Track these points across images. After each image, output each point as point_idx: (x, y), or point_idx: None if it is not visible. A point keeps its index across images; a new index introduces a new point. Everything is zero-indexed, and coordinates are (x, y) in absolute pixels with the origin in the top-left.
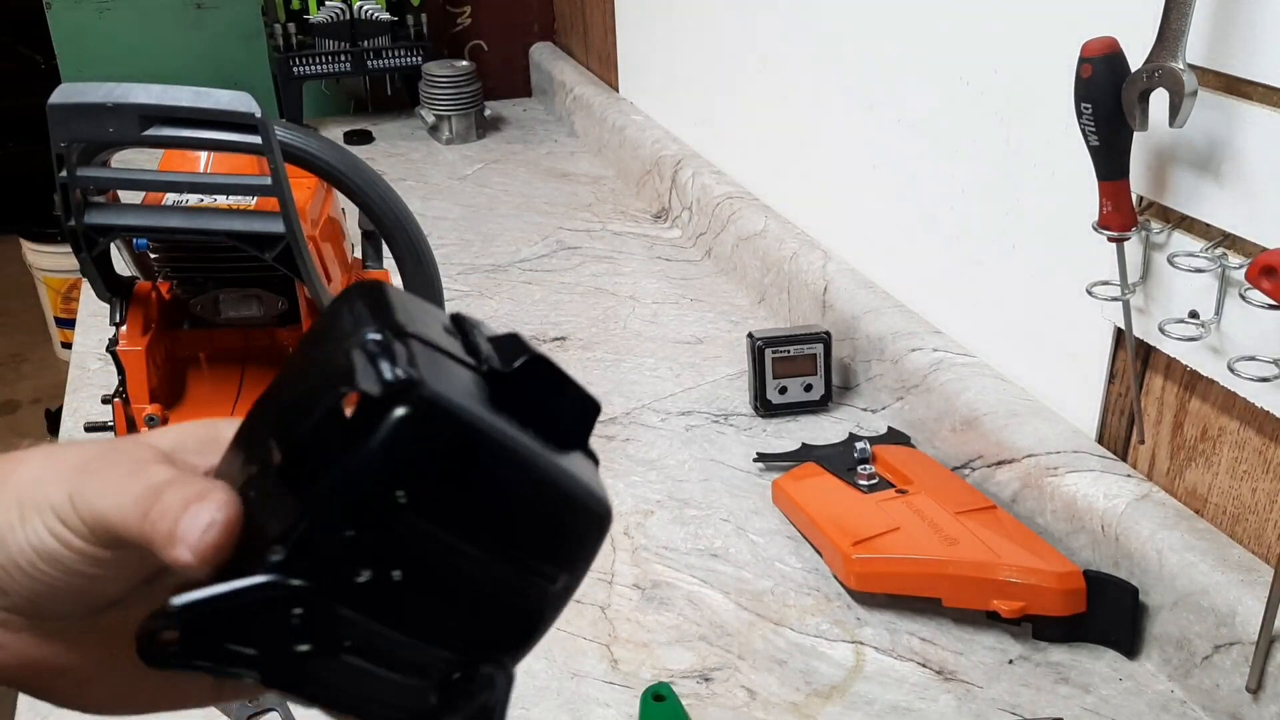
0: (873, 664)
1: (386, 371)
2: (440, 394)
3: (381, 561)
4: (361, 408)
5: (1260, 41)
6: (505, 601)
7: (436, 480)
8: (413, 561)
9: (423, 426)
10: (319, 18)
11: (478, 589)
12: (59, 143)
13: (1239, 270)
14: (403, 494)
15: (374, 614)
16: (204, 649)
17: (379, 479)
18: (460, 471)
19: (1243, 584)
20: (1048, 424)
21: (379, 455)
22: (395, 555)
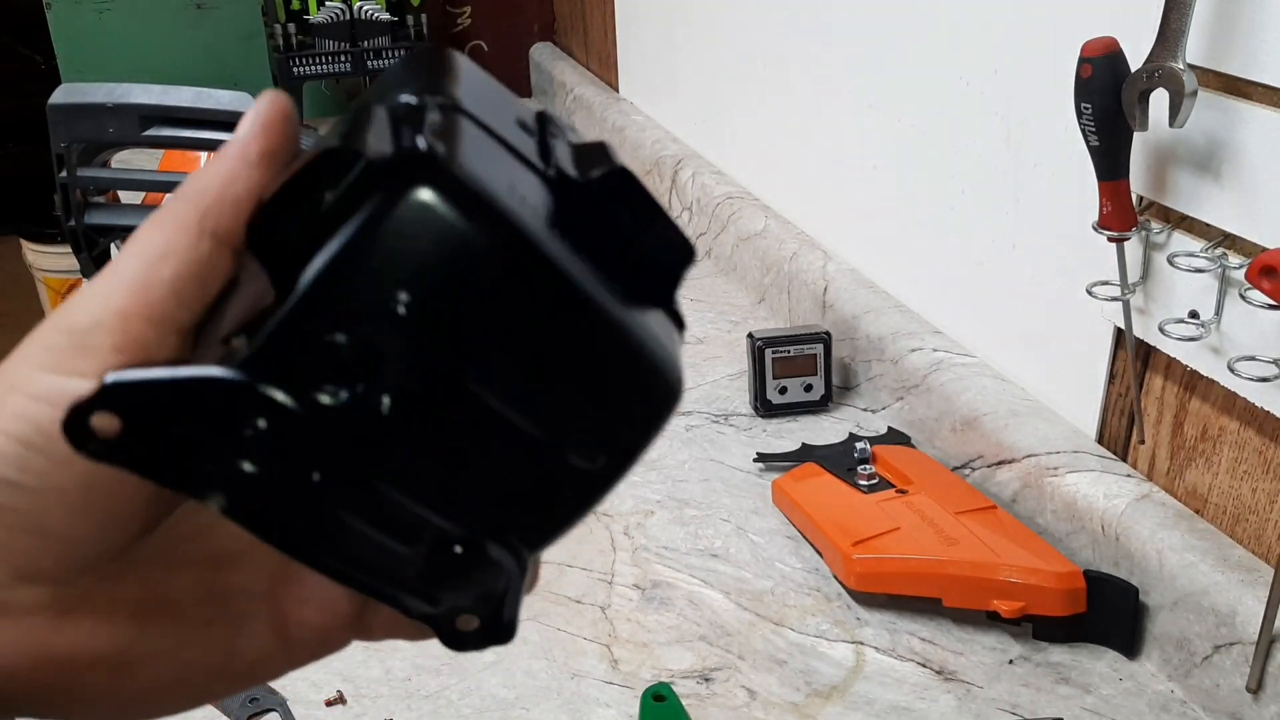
0: (873, 664)
1: (406, 138)
2: (472, 175)
3: (367, 381)
4: (365, 176)
5: (1261, 41)
6: (523, 472)
7: (450, 289)
8: (406, 391)
9: (438, 212)
10: (319, 18)
11: (489, 448)
12: (59, 143)
13: (1239, 270)
14: (405, 297)
15: (351, 449)
16: (146, 446)
17: (375, 270)
18: (483, 284)
19: (1243, 584)
20: (1048, 424)
21: (377, 239)
22: (385, 377)
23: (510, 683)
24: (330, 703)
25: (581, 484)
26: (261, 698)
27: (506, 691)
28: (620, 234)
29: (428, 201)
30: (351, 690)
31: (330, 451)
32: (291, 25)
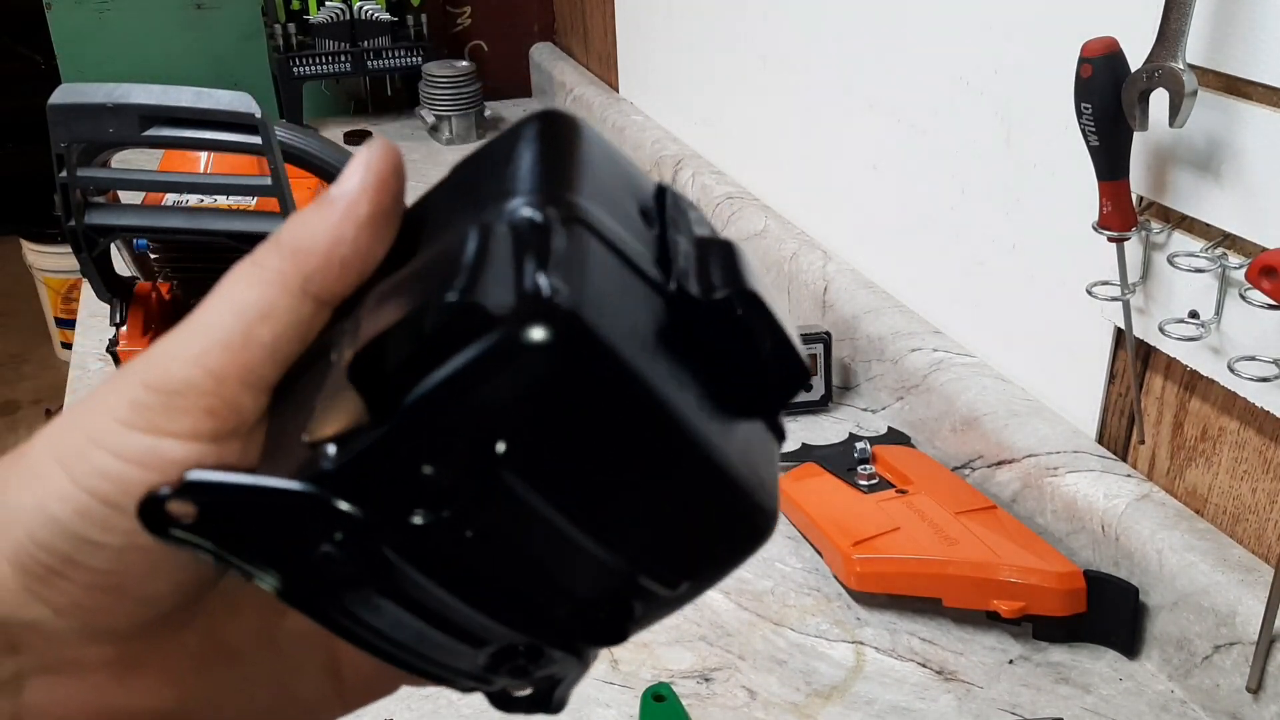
0: (873, 664)
1: (529, 278)
2: (597, 328)
3: (454, 512)
4: (483, 320)
5: (1260, 41)
6: (599, 596)
7: (555, 439)
8: (492, 525)
9: (558, 368)
10: (319, 18)
11: (569, 576)
12: (59, 143)
13: (1239, 270)
14: (505, 445)
15: (427, 567)
16: (223, 536)
17: (480, 418)
18: (589, 435)
19: (1243, 584)
20: (1048, 424)
21: (487, 378)
22: (473, 511)
23: None
24: None
25: (658, 605)
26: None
27: None
28: (736, 353)
29: (550, 356)
30: None
31: (403, 566)
32: (291, 25)
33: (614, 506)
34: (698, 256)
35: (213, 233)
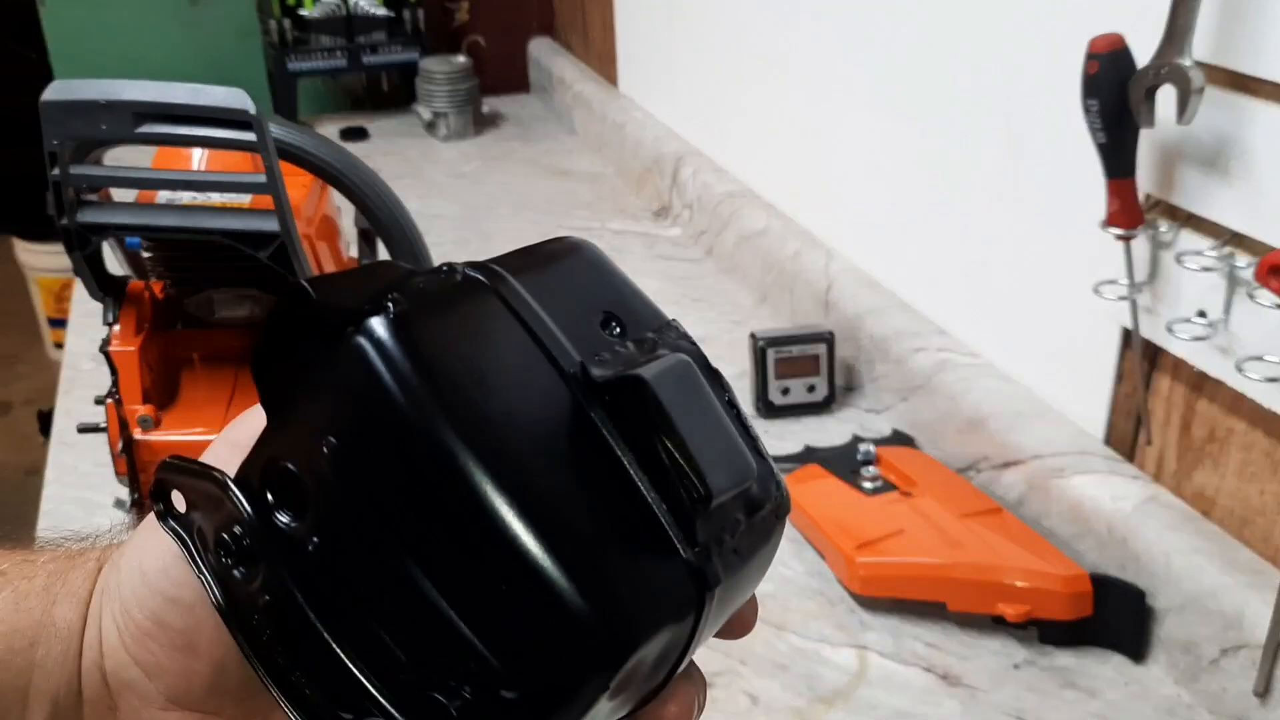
0: (877, 669)
1: (380, 296)
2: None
3: (300, 513)
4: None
5: (1268, 38)
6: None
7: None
8: (328, 535)
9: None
10: (314, 13)
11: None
12: (52, 140)
13: (1247, 270)
14: (333, 441)
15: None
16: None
17: (318, 409)
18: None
19: (1250, 587)
20: (1054, 425)
21: (325, 384)
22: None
23: None
24: None
25: (518, 713)
26: None
27: None
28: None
29: (363, 353)
30: None
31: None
32: (287, 21)
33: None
34: (631, 356)
35: (206, 231)
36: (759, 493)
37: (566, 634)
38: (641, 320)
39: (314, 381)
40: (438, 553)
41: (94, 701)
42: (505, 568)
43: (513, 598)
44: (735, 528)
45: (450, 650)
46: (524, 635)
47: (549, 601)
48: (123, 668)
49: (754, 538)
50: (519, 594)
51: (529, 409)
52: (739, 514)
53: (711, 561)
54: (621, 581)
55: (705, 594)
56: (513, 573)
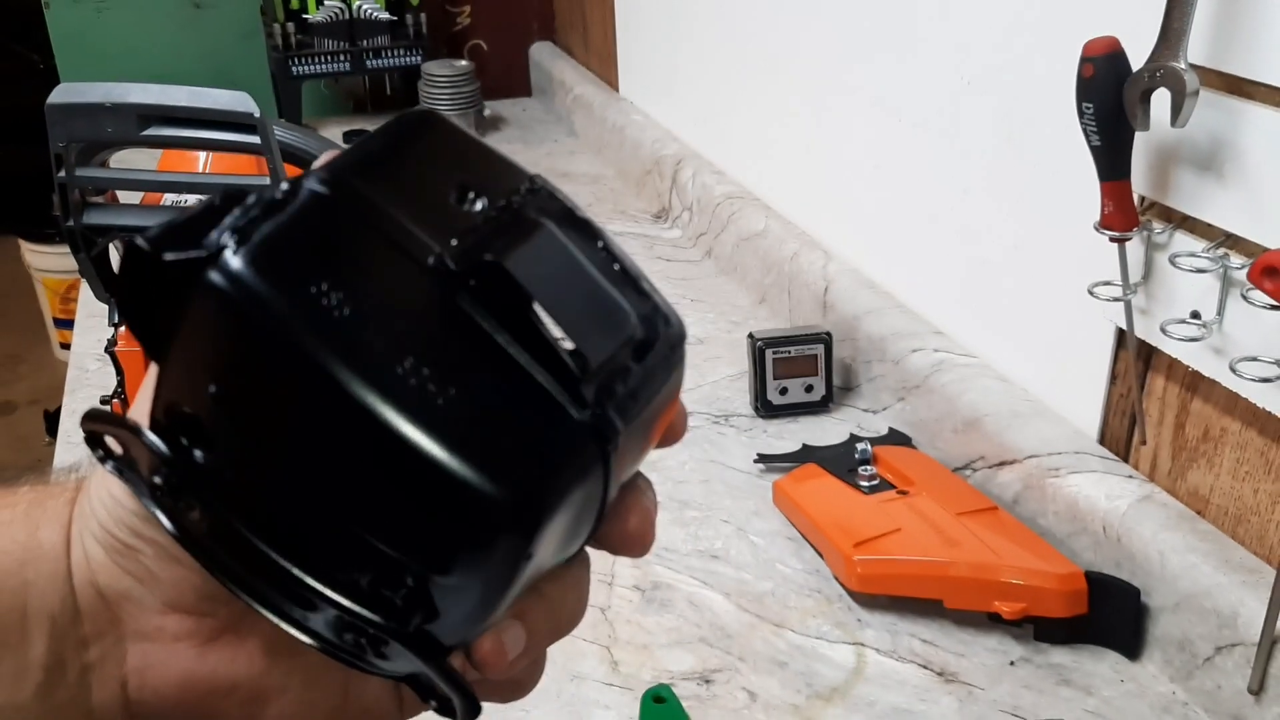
0: (874, 666)
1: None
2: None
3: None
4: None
5: (1262, 41)
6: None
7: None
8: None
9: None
10: (317, 17)
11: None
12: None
13: (1241, 271)
14: (214, 382)
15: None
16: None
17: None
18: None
19: (1245, 585)
20: (1049, 425)
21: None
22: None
23: None
24: None
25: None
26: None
27: None
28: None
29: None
30: None
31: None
32: (290, 24)
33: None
34: (486, 236)
35: None
36: (645, 334)
37: (474, 515)
38: (501, 186)
39: (180, 329)
40: (335, 466)
41: (93, 615)
42: (399, 465)
43: (416, 491)
44: (626, 375)
45: (376, 551)
46: (434, 525)
47: (450, 488)
48: (116, 580)
49: (649, 377)
50: (421, 487)
51: (393, 309)
52: (628, 361)
53: (606, 414)
54: (517, 454)
55: (607, 447)
56: (409, 468)
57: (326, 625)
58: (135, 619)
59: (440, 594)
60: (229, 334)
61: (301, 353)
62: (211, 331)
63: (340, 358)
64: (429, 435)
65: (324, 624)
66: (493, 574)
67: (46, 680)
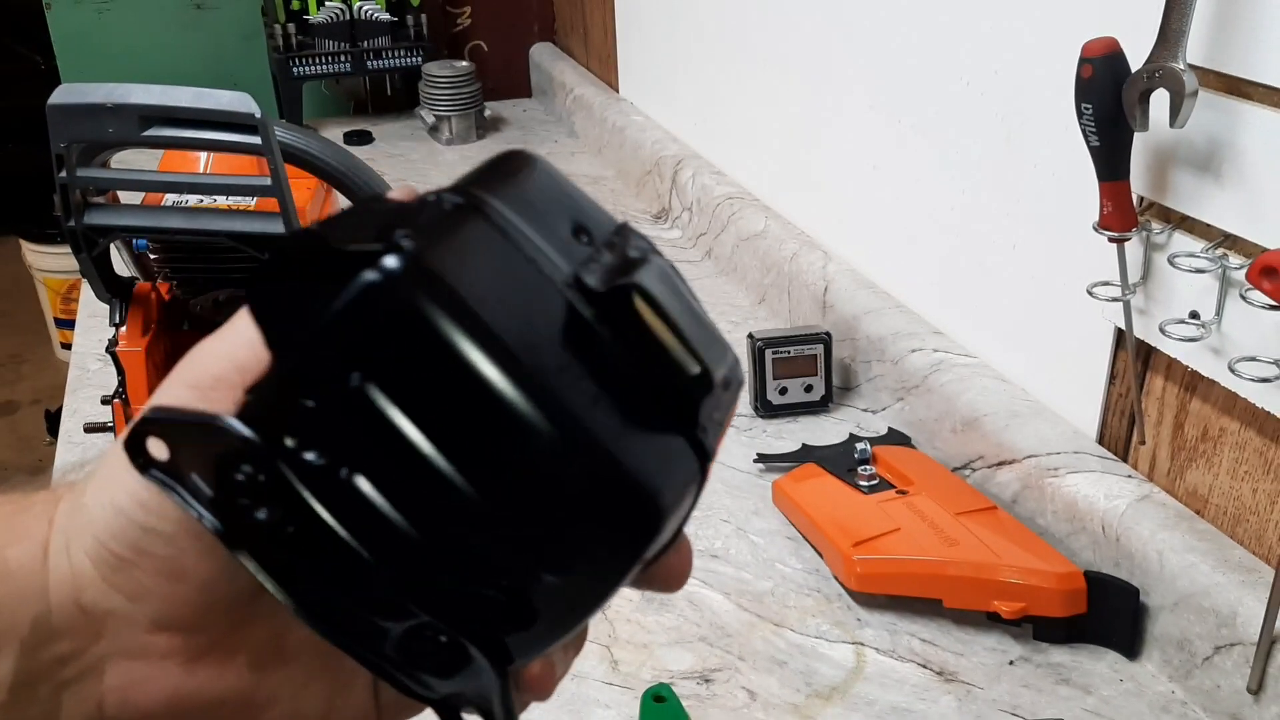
0: (873, 665)
1: (386, 232)
2: (442, 274)
3: (331, 447)
4: (345, 264)
5: (1261, 42)
6: (493, 575)
7: (404, 372)
8: (365, 463)
9: (391, 302)
10: (318, 18)
11: (456, 544)
12: (59, 143)
13: (1239, 271)
14: (358, 376)
15: (329, 507)
16: (171, 468)
17: (335, 348)
18: (436, 372)
19: (1243, 585)
20: (1048, 425)
21: (338, 320)
22: (346, 446)
23: None
24: None
25: (557, 600)
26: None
27: None
28: (628, 354)
29: (389, 292)
30: None
31: (307, 501)
32: (291, 25)
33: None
34: (614, 264)
35: (212, 233)
36: (732, 370)
37: (610, 516)
38: (601, 226)
39: (332, 322)
40: (485, 467)
41: (72, 633)
42: (554, 469)
43: (563, 493)
44: (719, 402)
45: (500, 547)
46: (571, 523)
47: (598, 490)
48: (103, 597)
49: (728, 409)
50: (569, 489)
51: (537, 322)
52: (721, 390)
53: (708, 435)
54: (648, 463)
55: (705, 465)
56: (561, 472)
57: (398, 637)
58: (120, 636)
59: (544, 599)
60: (400, 334)
61: (472, 363)
62: (377, 329)
63: (506, 370)
64: (585, 446)
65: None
66: (609, 578)
67: (12, 700)
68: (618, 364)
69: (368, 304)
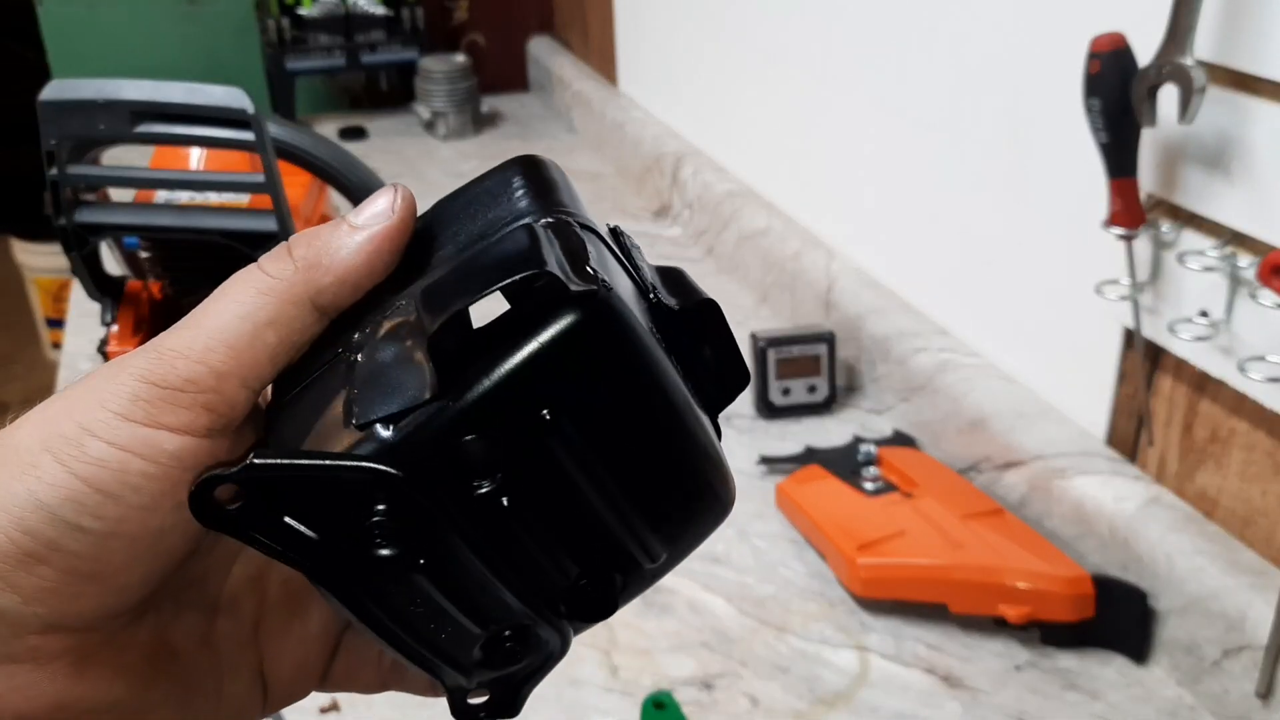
0: (878, 671)
1: (578, 268)
2: (628, 310)
3: (497, 480)
4: (546, 299)
5: (1270, 37)
6: (600, 565)
7: (589, 403)
8: (527, 489)
9: (600, 340)
10: (312, 12)
11: (581, 543)
12: (49, 140)
13: (1249, 270)
14: (549, 412)
15: (463, 533)
16: (264, 519)
17: (535, 387)
18: (617, 402)
19: (1253, 588)
20: (1056, 425)
21: (545, 360)
22: (512, 478)
23: None
24: (325, 710)
25: (639, 577)
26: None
27: None
28: (699, 357)
29: (595, 328)
30: (346, 698)
31: (443, 538)
32: (284, 19)
33: (630, 476)
34: (660, 276)
35: (204, 230)
36: None
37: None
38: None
39: (522, 357)
40: (640, 475)
41: None
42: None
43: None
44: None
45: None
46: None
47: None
48: None
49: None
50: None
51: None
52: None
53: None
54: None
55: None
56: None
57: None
58: (5, 639)
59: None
60: (619, 360)
61: (662, 377)
62: (575, 363)
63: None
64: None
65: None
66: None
67: None
68: (697, 372)
69: (578, 339)
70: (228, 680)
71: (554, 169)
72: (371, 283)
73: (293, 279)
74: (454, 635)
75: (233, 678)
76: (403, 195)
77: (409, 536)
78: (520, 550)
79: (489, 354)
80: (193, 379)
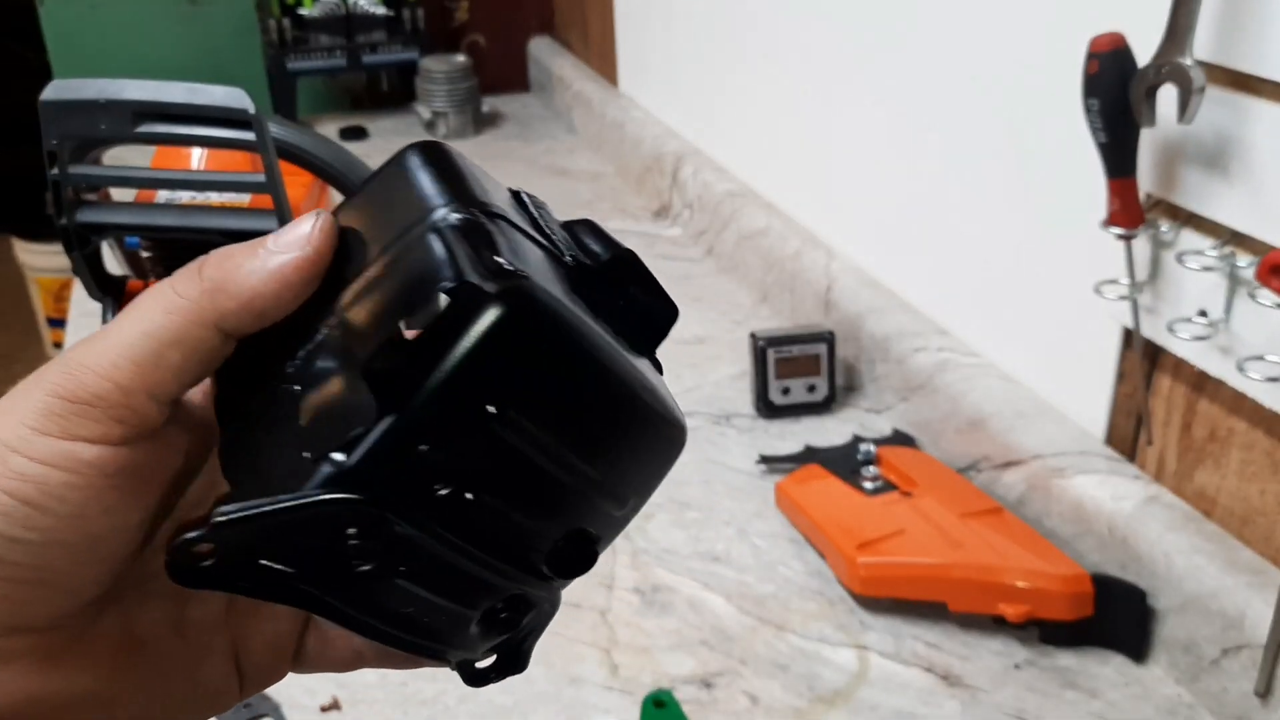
0: (877, 669)
1: (488, 261)
2: (545, 293)
3: (457, 479)
4: (466, 301)
5: (1269, 37)
6: (573, 525)
7: (529, 389)
8: (488, 478)
9: (525, 330)
10: (313, 12)
11: (550, 510)
12: (50, 140)
13: (1248, 269)
14: (494, 407)
15: (436, 534)
16: (242, 569)
17: (472, 387)
18: (554, 381)
19: (1251, 587)
20: (1055, 425)
21: (476, 359)
22: (472, 473)
23: (508, 689)
24: (325, 708)
25: (614, 525)
26: (255, 704)
27: (504, 698)
28: (624, 305)
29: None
30: (347, 696)
31: (416, 540)
32: (286, 20)
33: (581, 441)
34: (570, 233)
35: (205, 230)
36: None
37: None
38: (509, 197)
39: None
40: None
41: None
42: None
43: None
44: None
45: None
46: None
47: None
48: None
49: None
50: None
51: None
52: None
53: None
54: (668, 397)
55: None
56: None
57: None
58: None
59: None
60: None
61: (590, 344)
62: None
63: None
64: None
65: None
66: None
67: None
68: (616, 318)
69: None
70: (202, 665)
71: (450, 153)
72: (280, 313)
73: (198, 301)
74: (449, 621)
75: (207, 662)
76: (321, 226)
77: (385, 550)
78: (495, 533)
79: (424, 364)
80: (100, 394)
